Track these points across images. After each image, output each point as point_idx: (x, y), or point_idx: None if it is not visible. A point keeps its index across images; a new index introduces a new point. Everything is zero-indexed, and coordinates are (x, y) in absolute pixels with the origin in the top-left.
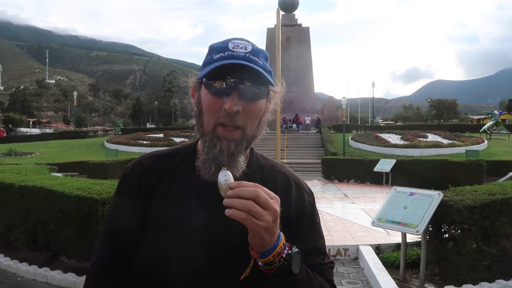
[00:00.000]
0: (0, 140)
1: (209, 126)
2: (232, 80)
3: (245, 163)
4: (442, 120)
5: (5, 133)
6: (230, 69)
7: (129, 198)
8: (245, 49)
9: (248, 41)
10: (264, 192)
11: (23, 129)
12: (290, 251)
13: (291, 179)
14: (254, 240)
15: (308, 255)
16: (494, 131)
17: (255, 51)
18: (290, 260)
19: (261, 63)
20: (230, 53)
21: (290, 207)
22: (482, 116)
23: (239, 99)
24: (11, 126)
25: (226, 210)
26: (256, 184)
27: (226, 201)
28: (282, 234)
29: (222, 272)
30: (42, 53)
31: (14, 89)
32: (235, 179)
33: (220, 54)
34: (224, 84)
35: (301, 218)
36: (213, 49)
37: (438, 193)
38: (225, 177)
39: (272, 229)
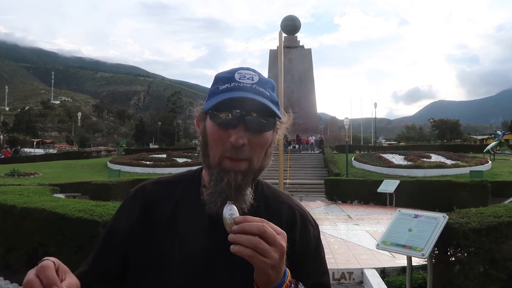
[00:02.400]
0: (4, 160)
1: (216, 159)
2: (238, 112)
3: (252, 195)
4: (445, 140)
5: (10, 154)
6: (236, 100)
7: (128, 223)
8: (252, 79)
9: (254, 71)
10: (271, 227)
11: (27, 150)
12: None
13: (296, 211)
14: (259, 278)
15: None
16: (497, 152)
17: (262, 81)
18: None
19: (268, 94)
20: (236, 84)
21: (295, 240)
22: (485, 136)
23: (245, 131)
24: (19, 147)
25: (232, 247)
26: (263, 219)
27: (231, 237)
28: (288, 270)
29: None
30: (48, 75)
31: (19, 110)
32: (242, 212)
33: (226, 85)
34: (230, 115)
35: (306, 252)
36: (219, 79)
37: (443, 216)
38: (230, 211)
39: (279, 266)
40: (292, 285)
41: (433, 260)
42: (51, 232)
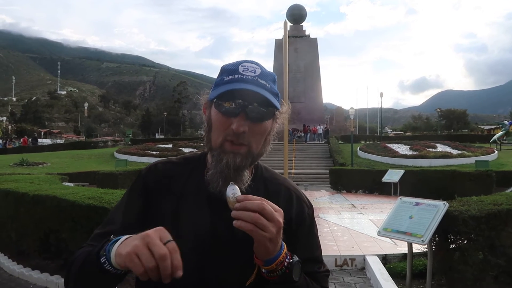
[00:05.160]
0: (12, 150)
1: (217, 142)
2: (240, 102)
3: (250, 177)
4: (452, 130)
5: (29, 142)
6: (238, 92)
7: (140, 197)
8: (254, 72)
9: (257, 64)
10: (269, 205)
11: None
12: (291, 260)
13: (293, 192)
14: (259, 249)
15: (306, 264)
16: (504, 142)
17: (264, 74)
18: (291, 268)
19: (269, 86)
20: (239, 76)
21: (291, 218)
22: (493, 126)
23: (246, 119)
24: (36, 135)
25: (234, 222)
26: (262, 198)
27: (234, 213)
28: (284, 244)
29: (228, 277)
30: (54, 65)
31: (26, 100)
32: (242, 192)
33: (231, 76)
34: (233, 105)
35: (301, 229)
36: (224, 71)
37: (444, 203)
38: (233, 190)
39: (276, 239)
40: (288, 257)
41: (433, 247)
42: (62, 218)
